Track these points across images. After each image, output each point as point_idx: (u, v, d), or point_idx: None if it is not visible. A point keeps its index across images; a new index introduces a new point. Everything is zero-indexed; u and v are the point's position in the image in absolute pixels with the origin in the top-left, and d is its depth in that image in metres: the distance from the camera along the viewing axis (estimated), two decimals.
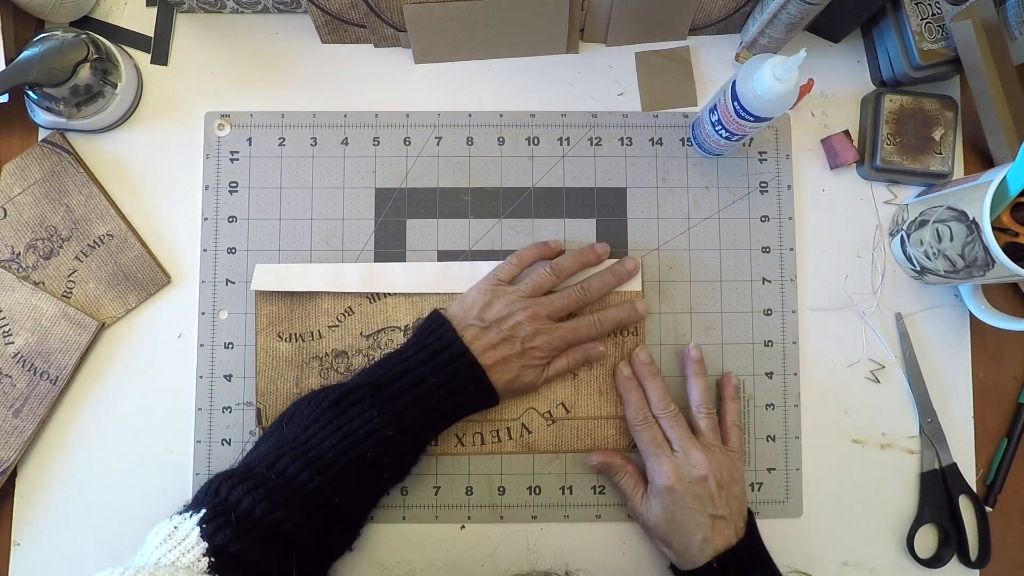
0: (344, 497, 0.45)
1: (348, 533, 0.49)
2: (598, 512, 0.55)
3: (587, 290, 0.53)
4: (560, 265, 0.53)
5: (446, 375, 0.48)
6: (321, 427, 0.46)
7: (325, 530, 0.45)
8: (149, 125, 0.57)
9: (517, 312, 0.50)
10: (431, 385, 0.48)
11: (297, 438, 0.46)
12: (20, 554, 0.53)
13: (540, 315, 0.51)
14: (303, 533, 0.44)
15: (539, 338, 0.50)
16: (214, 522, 0.42)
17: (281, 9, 0.57)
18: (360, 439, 0.46)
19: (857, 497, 0.55)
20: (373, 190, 0.57)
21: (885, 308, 0.57)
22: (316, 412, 0.47)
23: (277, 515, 0.43)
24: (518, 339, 0.50)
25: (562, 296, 0.52)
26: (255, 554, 0.42)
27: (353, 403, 0.47)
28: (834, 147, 0.57)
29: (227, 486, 0.44)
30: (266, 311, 0.55)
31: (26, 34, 0.56)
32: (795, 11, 0.50)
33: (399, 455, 0.48)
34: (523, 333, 0.50)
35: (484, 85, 0.58)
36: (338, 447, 0.45)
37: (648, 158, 0.58)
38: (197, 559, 0.41)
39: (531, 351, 0.50)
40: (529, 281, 0.52)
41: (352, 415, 0.46)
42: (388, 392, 0.47)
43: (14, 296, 0.54)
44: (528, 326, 0.50)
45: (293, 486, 0.44)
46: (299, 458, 0.45)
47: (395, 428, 0.46)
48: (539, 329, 0.50)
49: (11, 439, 0.53)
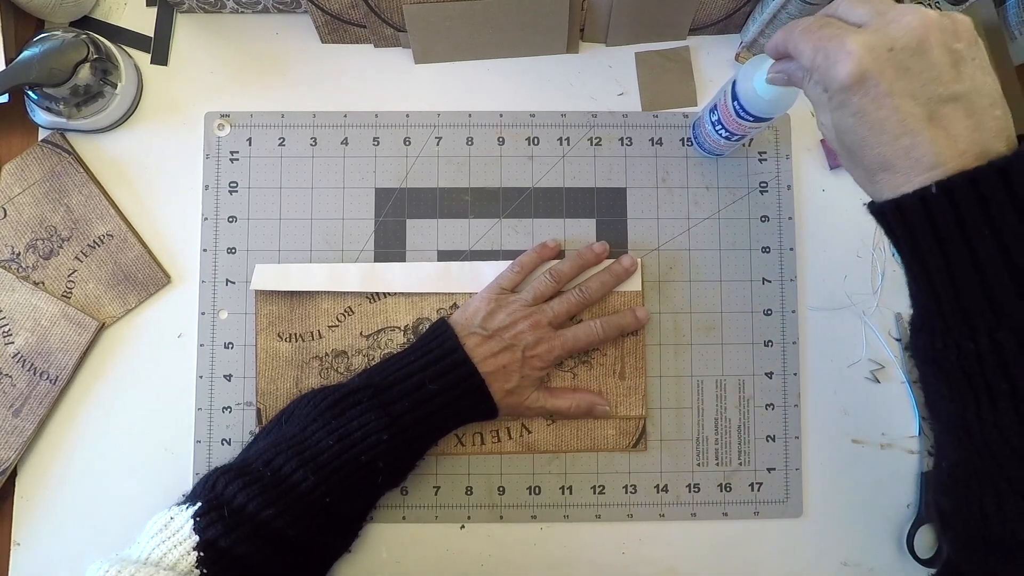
0: (337, 498, 0.45)
1: (343, 535, 0.49)
2: (598, 512, 0.55)
3: (586, 291, 0.53)
4: (560, 271, 0.53)
5: (445, 383, 0.48)
6: (319, 427, 0.46)
7: (318, 530, 0.45)
8: (149, 125, 0.57)
9: (519, 321, 0.51)
10: (430, 392, 0.48)
11: (295, 436, 0.46)
12: (20, 554, 0.53)
13: (542, 323, 0.51)
14: (294, 531, 0.44)
15: (541, 346, 0.51)
16: (208, 516, 0.43)
17: (281, 9, 0.57)
18: (356, 441, 0.46)
19: (857, 497, 0.55)
20: (373, 190, 0.57)
21: (885, 308, 0.57)
22: (315, 412, 0.47)
23: (269, 512, 0.43)
24: (519, 348, 0.50)
25: (561, 301, 0.52)
26: (244, 549, 0.42)
27: (352, 405, 0.47)
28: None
29: (223, 481, 0.44)
30: (266, 311, 0.55)
31: (26, 34, 0.56)
32: (795, 11, 0.50)
33: (394, 459, 0.48)
34: (524, 342, 0.50)
35: (484, 85, 0.58)
36: (334, 448, 0.45)
37: (648, 158, 0.58)
38: (187, 552, 0.41)
39: (532, 360, 0.51)
40: (531, 289, 0.52)
41: (350, 417, 0.46)
42: (386, 396, 0.48)
43: (14, 296, 0.54)
44: (530, 335, 0.50)
45: (287, 484, 0.44)
46: (295, 457, 0.45)
47: (390, 432, 0.46)
48: (541, 337, 0.51)
49: (11, 439, 0.53)
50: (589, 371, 0.55)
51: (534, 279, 0.54)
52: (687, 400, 0.56)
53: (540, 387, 0.53)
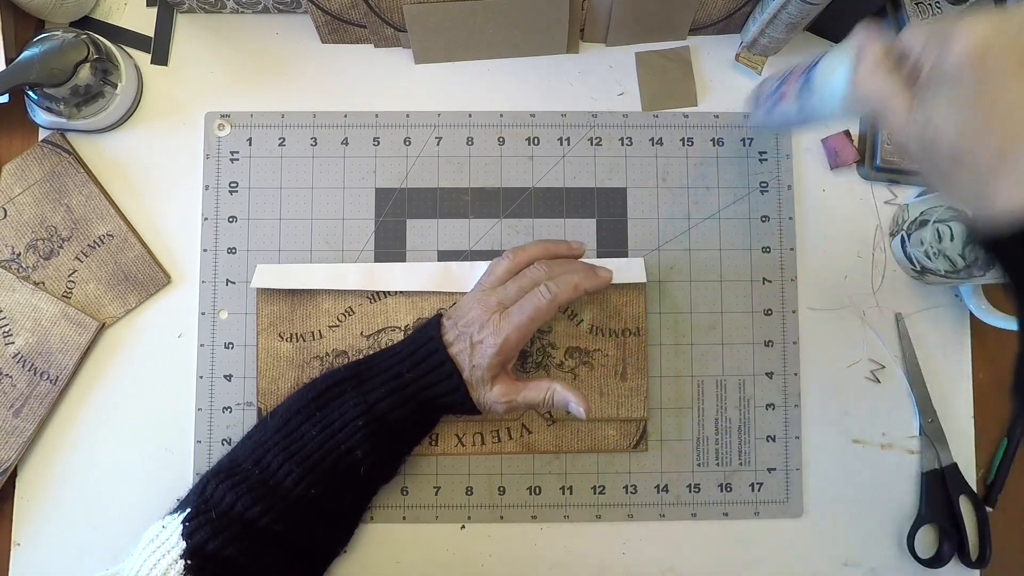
0: (322, 491, 0.45)
1: (335, 533, 0.49)
2: (598, 512, 0.55)
3: (540, 267, 0.48)
4: (519, 250, 0.49)
5: (421, 370, 0.47)
6: (303, 419, 0.46)
7: (307, 525, 0.45)
8: (149, 125, 0.57)
9: (474, 307, 0.48)
10: (406, 379, 0.47)
11: (280, 431, 0.46)
12: (20, 554, 0.53)
13: (489, 304, 0.47)
14: (281, 527, 0.44)
15: (484, 331, 0.46)
16: (196, 520, 0.43)
17: (281, 9, 0.57)
18: (335, 431, 0.46)
19: (857, 497, 0.55)
20: (373, 190, 0.57)
21: (885, 308, 0.57)
22: (300, 403, 0.47)
23: (256, 509, 0.43)
24: (467, 335, 0.47)
25: (515, 280, 0.48)
26: (233, 550, 0.42)
27: (335, 396, 0.47)
28: (834, 147, 0.57)
29: (213, 483, 0.45)
30: (267, 311, 0.55)
31: (26, 34, 0.56)
32: (795, 11, 0.50)
33: (373, 448, 0.46)
34: (472, 328, 0.47)
35: (484, 85, 0.58)
36: (316, 439, 0.45)
37: (648, 158, 0.58)
38: (175, 561, 0.41)
39: (479, 346, 0.46)
40: (487, 272, 0.50)
41: (332, 408, 0.46)
42: (367, 385, 0.47)
43: (14, 296, 0.54)
44: (477, 320, 0.47)
45: (274, 481, 0.44)
46: (281, 452, 0.45)
47: (366, 418, 0.46)
48: (485, 321, 0.46)
49: (11, 439, 0.53)
50: (590, 372, 0.55)
51: None
52: (687, 400, 0.56)
53: (505, 382, 0.48)
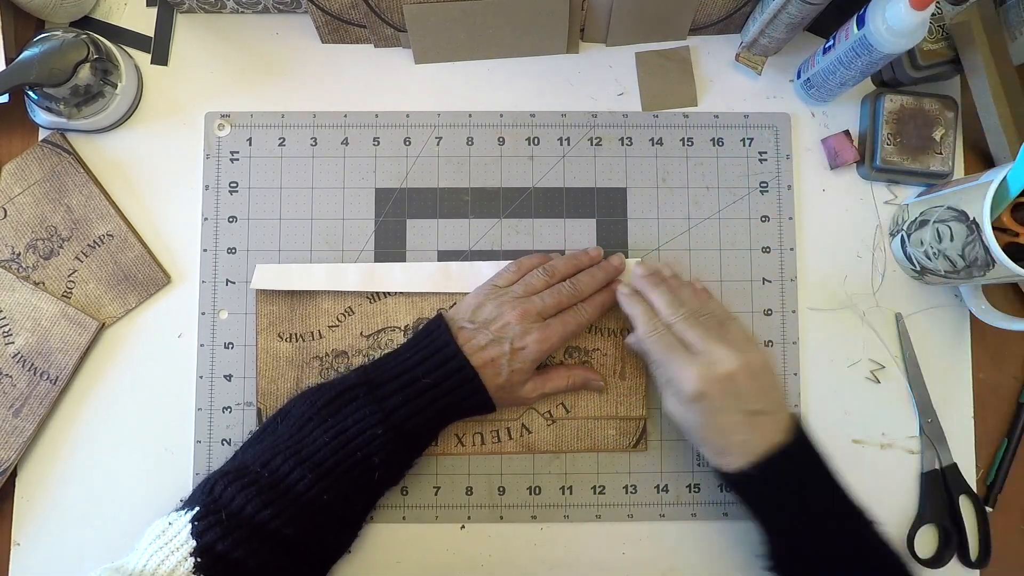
0: (335, 496, 0.45)
1: (342, 534, 0.49)
2: (598, 512, 0.55)
3: (576, 284, 0.52)
4: (553, 266, 0.52)
5: (439, 376, 0.48)
6: (316, 426, 0.46)
7: (316, 530, 0.45)
8: (149, 125, 0.57)
9: (507, 312, 0.50)
10: (424, 385, 0.48)
11: (292, 436, 0.46)
12: (20, 554, 0.53)
13: (530, 314, 0.50)
14: (291, 531, 0.44)
15: (528, 337, 0.49)
16: (205, 520, 0.43)
17: (281, 9, 0.57)
18: (351, 438, 0.46)
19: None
20: (373, 190, 0.57)
21: (885, 308, 0.57)
22: (311, 410, 0.47)
23: (266, 513, 0.43)
24: (507, 339, 0.49)
25: (551, 293, 0.51)
26: (242, 552, 0.42)
27: (348, 402, 0.47)
28: (834, 147, 0.57)
29: (222, 484, 0.44)
30: (266, 311, 0.55)
31: (26, 34, 0.56)
32: (795, 11, 0.50)
33: (390, 455, 0.47)
34: (512, 333, 0.49)
35: (484, 85, 0.58)
36: (330, 445, 0.45)
37: (648, 158, 0.58)
38: (184, 558, 0.41)
39: (520, 352, 0.49)
40: (522, 283, 0.52)
41: (345, 414, 0.46)
42: (381, 391, 0.47)
43: (14, 296, 0.54)
44: (517, 326, 0.49)
45: (284, 484, 0.44)
46: (292, 456, 0.45)
47: (385, 426, 0.46)
48: (528, 328, 0.49)
49: (11, 439, 0.53)
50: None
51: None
52: None
53: (534, 377, 0.52)
